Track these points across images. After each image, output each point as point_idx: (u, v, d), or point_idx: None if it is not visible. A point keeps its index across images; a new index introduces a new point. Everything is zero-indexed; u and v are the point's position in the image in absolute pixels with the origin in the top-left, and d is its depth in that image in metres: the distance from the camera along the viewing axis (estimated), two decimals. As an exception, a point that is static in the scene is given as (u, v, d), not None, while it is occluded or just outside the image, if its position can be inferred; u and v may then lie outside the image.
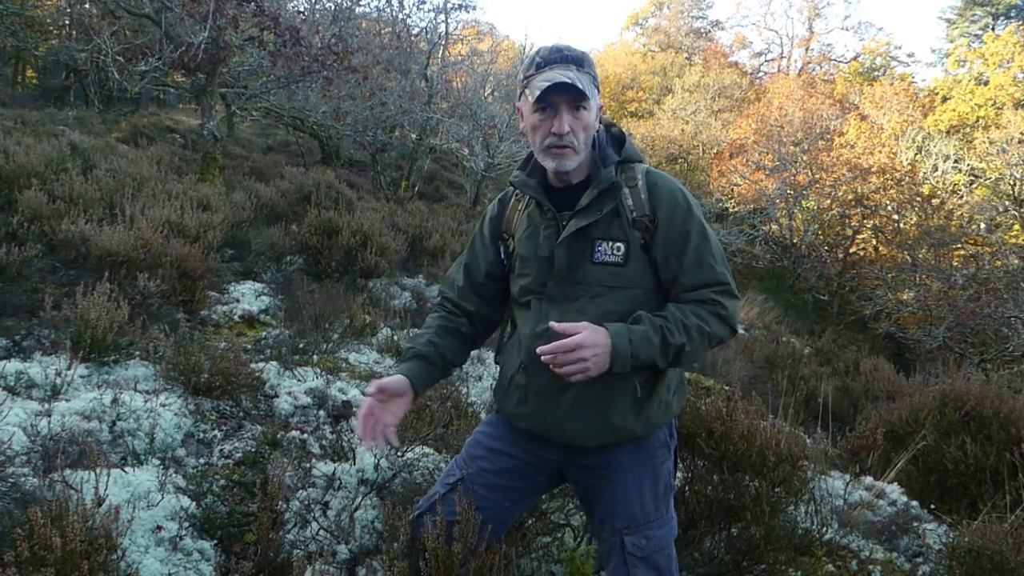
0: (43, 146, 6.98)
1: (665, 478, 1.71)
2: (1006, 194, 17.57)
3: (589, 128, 1.60)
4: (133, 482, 2.33)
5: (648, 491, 1.67)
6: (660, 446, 1.70)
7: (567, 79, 1.52)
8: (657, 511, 1.68)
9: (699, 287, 1.59)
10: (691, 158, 26.03)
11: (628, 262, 1.60)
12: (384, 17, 14.88)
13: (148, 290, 3.97)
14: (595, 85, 1.60)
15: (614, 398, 1.60)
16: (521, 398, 1.70)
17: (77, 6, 14.64)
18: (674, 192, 1.62)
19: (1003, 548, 2.46)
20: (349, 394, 3.61)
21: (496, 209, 1.82)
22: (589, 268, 1.61)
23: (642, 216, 1.60)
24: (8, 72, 19.61)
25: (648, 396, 1.63)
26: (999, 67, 23.15)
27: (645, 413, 1.63)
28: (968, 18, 31.56)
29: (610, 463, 1.67)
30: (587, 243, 1.61)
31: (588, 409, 1.62)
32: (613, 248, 1.60)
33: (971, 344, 12.36)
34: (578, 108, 1.57)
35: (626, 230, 1.60)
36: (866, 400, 6.49)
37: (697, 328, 1.55)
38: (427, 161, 15.28)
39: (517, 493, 1.78)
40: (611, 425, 1.62)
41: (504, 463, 1.75)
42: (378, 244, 6.49)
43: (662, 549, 1.67)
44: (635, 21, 41.33)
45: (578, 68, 1.57)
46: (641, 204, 1.60)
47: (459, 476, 1.76)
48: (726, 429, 2.48)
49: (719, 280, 1.60)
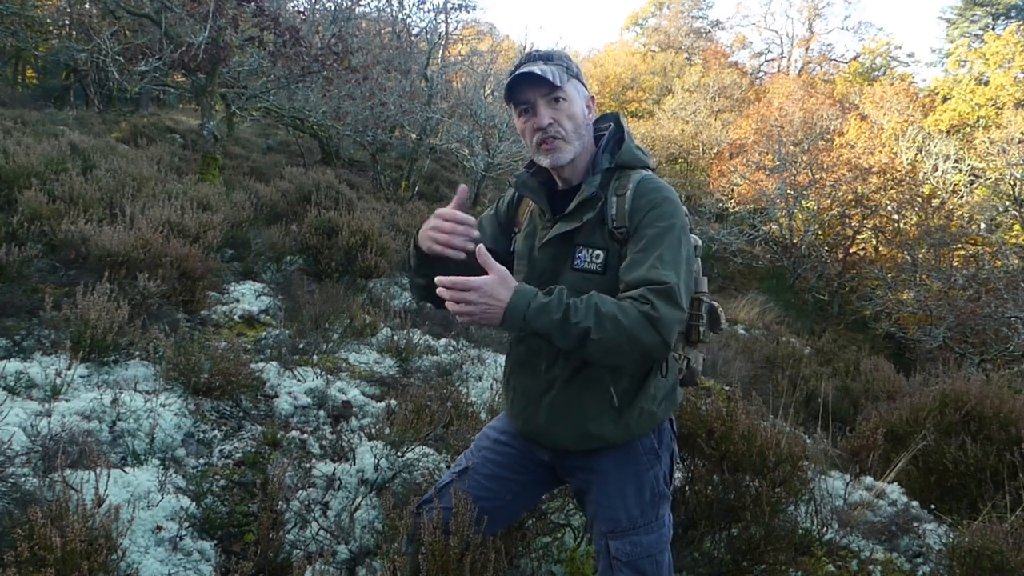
0: (43, 146, 6.98)
1: (652, 484, 1.67)
2: (1006, 194, 17.56)
3: (575, 117, 1.59)
4: (133, 482, 2.33)
5: (632, 497, 1.65)
6: (645, 453, 1.67)
7: (531, 70, 1.54)
8: (644, 517, 1.65)
9: (636, 284, 1.47)
10: (691, 158, 26.01)
11: (607, 271, 1.58)
12: (384, 17, 14.86)
13: (148, 290, 3.97)
14: (572, 75, 1.59)
15: (590, 406, 1.60)
16: (512, 399, 1.75)
17: (77, 6, 14.63)
18: (652, 201, 1.55)
19: (1003, 548, 2.46)
20: (349, 394, 3.61)
21: (513, 198, 1.83)
22: (569, 274, 1.61)
23: (619, 227, 1.56)
24: (8, 72, 19.61)
25: (627, 405, 1.61)
26: (1000, 67, 23.14)
27: (624, 422, 1.61)
28: (968, 18, 31.54)
29: (595, 467, 1.68)
30: (570, 248, 1.62)
31: (565, 415, 1.63)
32: (593, 255, 1.59)
33: (971, 344, 12.36)
34: (556, 100, 1.58)
35: (607, 239, 1.58)
36: (866, 400, 6.49)
37: (612, 319, 1.41)
38: (427, 161, 15.27)
39: (518, 486, 1.79)
40: (588, 432, 1.62)
41: (507, 454, 1.78)
42: (378, 244, 6.49)
43: (649, 555, 1.65)
44: (635, 21, 41.32)
45: (546, 62, 1.58)
46: (623, 214, 1.56)
47: (465, 465, 1.81)
48: (726, 429, 2.48)
49: (659, 279, 1.45)
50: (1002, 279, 12.50)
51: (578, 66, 1.65)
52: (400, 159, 15.86)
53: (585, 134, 1.63)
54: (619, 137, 1.67)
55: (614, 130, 1.68)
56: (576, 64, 1.64)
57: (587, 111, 1.64)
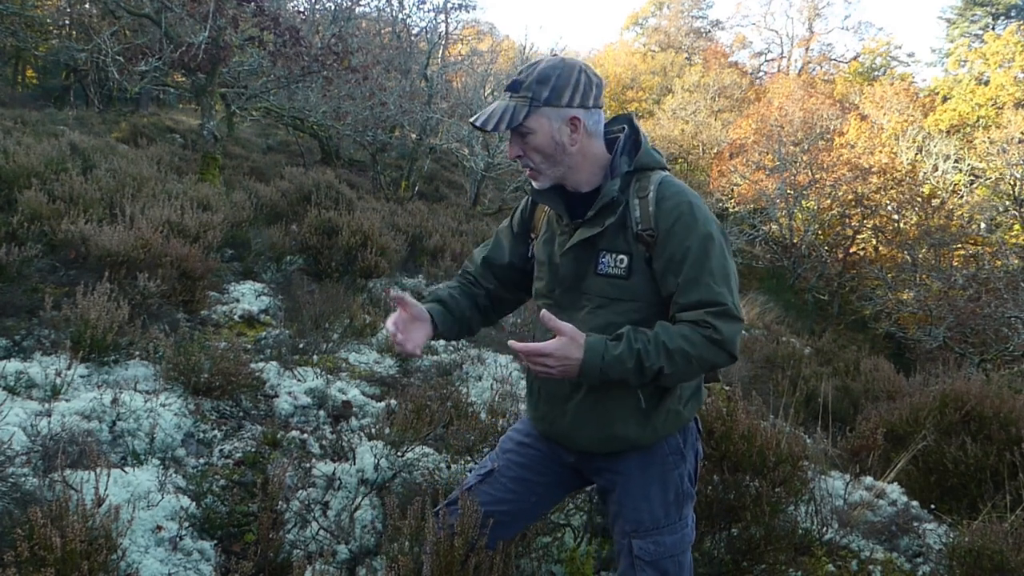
0: (43, 146, 6.98)
1: (676, 484, 1.67)
2: (1006, 194, 17.57)
3: (541, 148, 1.57)
4: (133, 482, 2.33)
5: (657, 497, 1.65)
6: (671, 453, 1.67)
7: (481, 118, 1.56)
8: (668, 517, 1.65)
9: (693, 307, 1.50)
10: (691, 158, 26.03)
11: (631, 275, 1.57)
12: (384, 17, 14.87)
13: (148, 290, 3.96)
14: (540, 103, 1.54)
15: (616, 409, 1.60)
16: (535, 402, 1.75)
17: (77, 6, 14.63)
18: (680, 205, 1.54)
19: (1003, 548, 2.46)
20: (349, 394, 3.61)
21: (527, 206, 1.84)
22: (593, 279, 1.61)
23: (646, 230, 1.55)
24: (8, 72, 19.60)
25: (654, 407, 1.60)
26: (1000, 67, 23.15)
27: (651, 424, 1.61)
28: (968, 18, 31.55)
29: (620, 468, 1.67)
30: (592, 254, 1.61)
31: (591, 418, 1.63)
32: (616, 260, 1.58)
33: (971, 344, 12.37)
34: (523, 135, 1.57)
35: (630, 242, 1.57)
36: (866, 400, 6.48)
37: (681, 352, 1.47)
38: (427, 161, 15.27)
39: (542, 488, 1.79)
40: (614, 435, 1.62)
41: (531, 456, 1.78)
42: (378, 244, 6.49)
43: (672, 555, 1.65)
44: (635, 21, 41.32)
45: (512, 95, 1.57)
46: (648, 217, 1.55)
47: (490, 468, 1.81)
48: (726, 429, 2.48)
49: (715, 300, 1.49)
50: (1002, 279, 12.50)
51: (561, 85, 1.54)
52: (400, 159, 15.86)
53: (565, 158, 1.59)
54: (636, 139, 1.66)
55: (629, 132, 1.66)
56: (559, 84, 1.54)
57: (570, 131, 1.56)
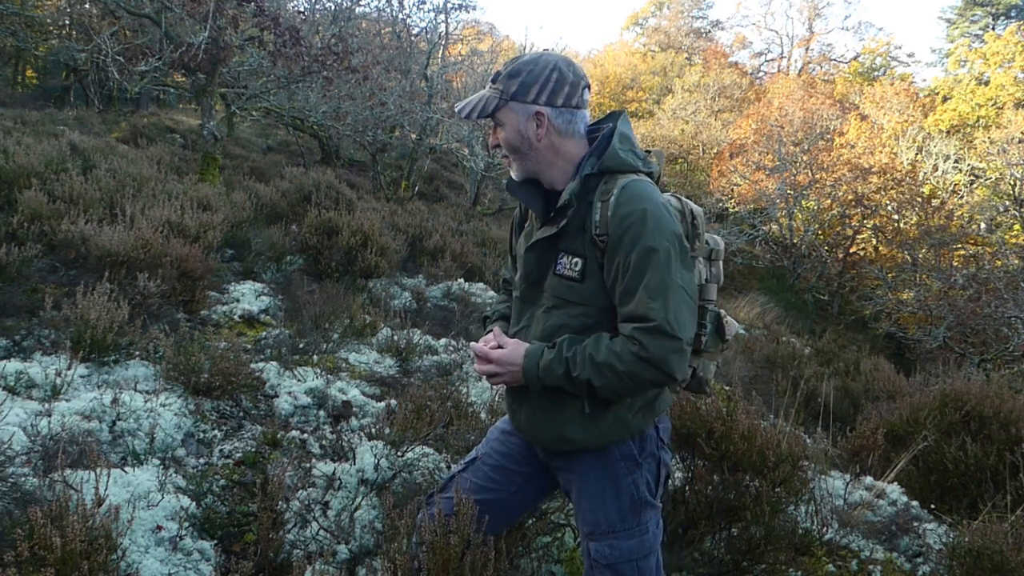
0: (43, 146, 6.98)
1: (631, 491, 1.64)
2: (1006, 194, 17.56)
3: (508, 141, 1.61)
4: (133, 482, 2.33)
5: (612, 501, 1.65)
6: (623, 459, 1.65)
7: (460, 105, 1.64)
8: (624, 523, 1.64)
9: (626, 319, 1.50)
10: (691, 158, 26.01)
11: (585, 279, 1.57)
12: (384, 17, 14.86)
13: (148, 290, 3.96)
14: (507, 98, 1.58)
15: (564, 411, 1.63)
16: (507, 397, 1.80)
17: (77, 6, 14.64)
18: (633, 213, 1.49)
19: (1003, 548, 2.46)
20: (349, 394, 3.61)
21: None
22: (551, 278, 1.64)
23: (600, 234, 1.53)
24: (8, 72, 19.61)
25: (599, 413, 1.60)
26: (1000, 67, 23.15)
27: (596, 428, 1.61)
28: (968, 18, 31.56)
29: (575, 468, 1.70)
30: (553, 253, 1.63)
31: (543, 417, 1.67)
32: (572, 262, 1.59)
33: (971, 344, 12.36)
34: (497, 126, 1.63)
35: (587, 246, 1.57)
36: (866, 400, 6.48)
37: (608, 367, 1.47)
38: (427, 161, 15.27)
39: (521, 478, 1.81)
40: (563, 435, 1.65)
41: (512, 445, 1.82)
42: (378, 244, 6.49)
43: (629, 560, 1.64)
44: (635, 21, 41.33)
45: (491, 84, 1.63)
46: (605, 221, 1.52)
47: (474, 456, 1.87)
48: (726, 429, 2.48)
49: (645, 316, 1.45)
50: (1002, 279, 12.49)
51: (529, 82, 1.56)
52: (400, 159, 15.86)
53: (532, 153, 1.61)
54: (606, 138, 1.61)
55: (607, 132, 1.62)
56: (527, 80, 1.56)
57: (535, 126, 1.58)
